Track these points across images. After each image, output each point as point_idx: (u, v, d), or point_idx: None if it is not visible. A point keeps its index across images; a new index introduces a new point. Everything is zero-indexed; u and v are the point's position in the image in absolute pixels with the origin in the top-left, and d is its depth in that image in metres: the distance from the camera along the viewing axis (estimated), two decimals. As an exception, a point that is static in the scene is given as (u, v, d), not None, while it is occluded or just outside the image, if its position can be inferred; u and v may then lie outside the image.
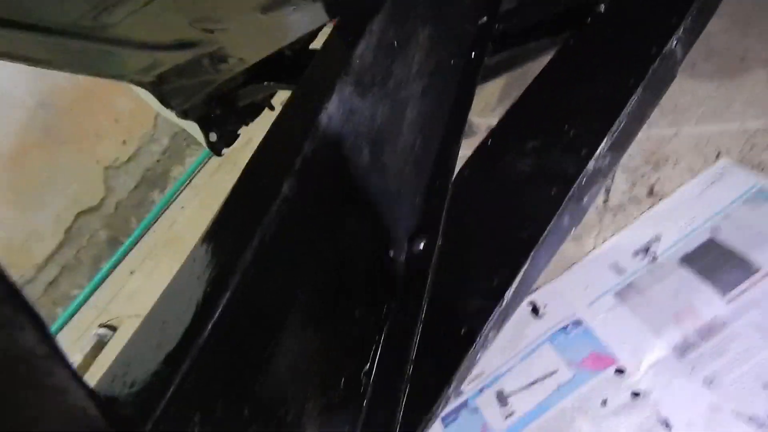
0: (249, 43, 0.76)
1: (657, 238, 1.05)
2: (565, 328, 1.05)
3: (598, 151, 0.54)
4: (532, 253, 0.50)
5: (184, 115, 0.98)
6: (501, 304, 0.47)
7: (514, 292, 0.49)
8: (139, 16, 0.55)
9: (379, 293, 0.53)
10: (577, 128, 0.57)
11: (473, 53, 0.77)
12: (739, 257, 0.94)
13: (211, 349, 0.36)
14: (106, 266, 2.37)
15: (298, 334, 0.46)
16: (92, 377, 0.91)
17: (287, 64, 0.92)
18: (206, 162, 2.48)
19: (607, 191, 1.19)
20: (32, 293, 2.22)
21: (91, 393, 0.28)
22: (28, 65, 0.72)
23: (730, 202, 1.01)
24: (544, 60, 0.74)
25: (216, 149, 1.09)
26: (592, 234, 1.14)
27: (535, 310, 1.10)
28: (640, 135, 1.23)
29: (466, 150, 0.70)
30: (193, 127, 1.03)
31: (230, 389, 0.38)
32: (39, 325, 0.25)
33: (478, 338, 0.46)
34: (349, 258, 0.50)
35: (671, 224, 1.04)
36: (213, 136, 1.07)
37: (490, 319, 0.47)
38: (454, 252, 0.55)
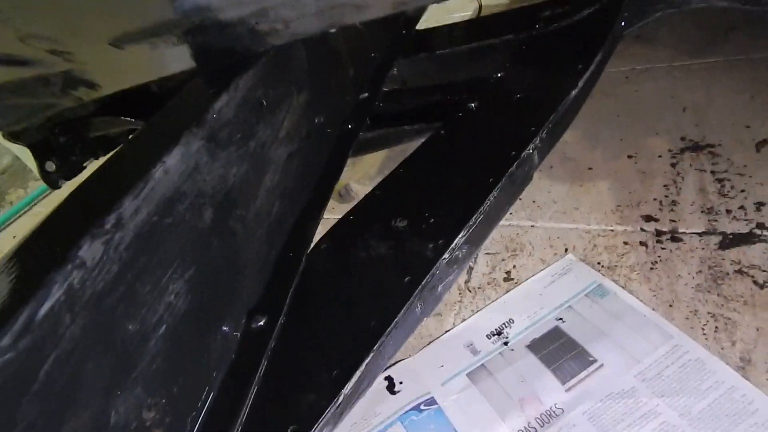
0: (104, 72, 0.68)
1: (509, 323, 1.09)
2: (417, 407, 1.03)
3: (454, 242, 0.55)
4: (377, 345, 0.47)
5: (14, 137, 0.83)
6: (336, 402, 0.43)
7: (353, 386, 0.45)
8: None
9: (201, 375, 0.46)
10: (436, 218, 0.57)
11: (350, 125, 0.77)
12: (578, 348, 1.01)
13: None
14: None
15: (95, 406, 0.37)
16: None
17: (151, 101, 0.84)
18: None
19: (470, 272, 1.23)
20: None
21: None
22: None
23: (573, 295, 1.10)
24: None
25: (52, 180, 0.94)
26: (452, 312, 1.16)
27: (390, 387, 1.08)
28: (503, 223, 1.31)
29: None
30: (23, 153, 0.88)
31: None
32: None
33: (306, 439, 0.41)
34: (168, 333, 0.43)
35: (523, 310, 1.10)
36: (51, 166, 0.92)
37: (322, 418, 0.42)
38: (297, 334, 0.50)
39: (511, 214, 1.32)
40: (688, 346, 0.93)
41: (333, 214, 0.76)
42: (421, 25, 1.21)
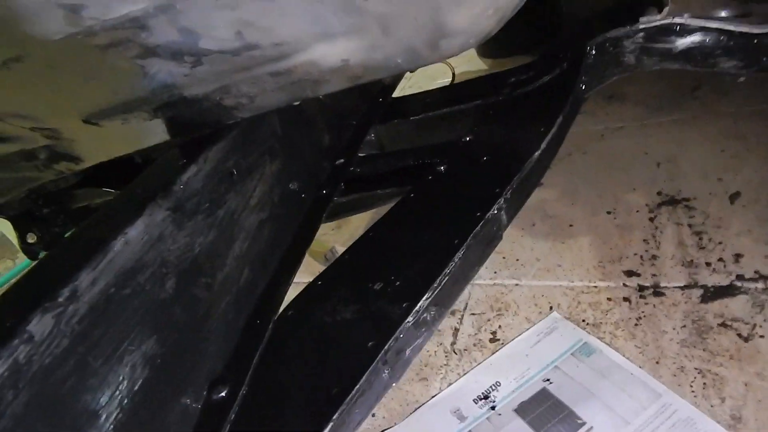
0: (86, 146, 0.70)
1: (496, 386, 1.07)
2: (404, 480, 0.99)
3: (419, 305, 0.55)
4: (337, 413, 0.46)
5: (-5, 210, 0.85)
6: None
7: (313, 458, 0.44)
8: None
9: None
10: (402, 280, 0.57)
11: (324, 191, 0.79)
12: (567, 410, 0.98)
13: None
14: None
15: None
16: None
17: (132, 172, 0.86)
18: (44, 258, 2.19)
19: (455, 333, 1.22)
20: None
21: None
22: None
23: (559, 354, 1.08)
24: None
25: (32, 251, 0.95)
26: (438, 376, 1.14)
27: (376, 458, 1.03)
28: (488, 282, 1.31)
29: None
30: (5, 225, 0.90)
31: None
32: None
33: None
34: (123, 407, 0.42)
35: (509, 373, 1.08)
36: (32, 237, 0.93)
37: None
38: (259, 403, 0.49)
39: (495, 273, 1.32)
40: (677, 405, 0.91)
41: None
42: (406, 91, 1.27)
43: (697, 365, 0.95)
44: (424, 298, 0.55)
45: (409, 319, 0.53)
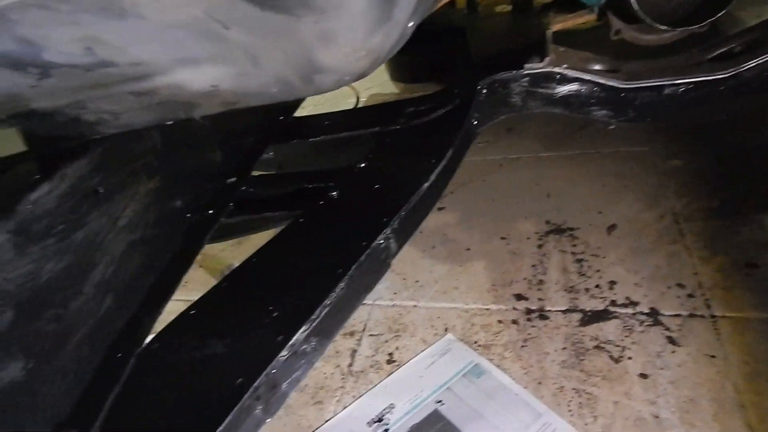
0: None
1: (390, 409, 1.07)
2: None
3: (294, 338, 0.53)
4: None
5: None
6: None
7: None
8: None
9: None
10: (279, 311, 0.55)
11: (211, 210, 0.75)
12: (456, 431, 1.00)
13: None
14: None
15: None
16: None
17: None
18: None
19: (353, 354, 1.21)
20: None
21: None
22: None
23: (452, 375, 1.11)
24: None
25: None
26: (333, 399, 1.12)
27: (263, 490, 0.99)
28: (387, 303, 1.32)
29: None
30: None
31: None
32: None
33: None
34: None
35: (403, 394, 1.09)
36: None
37: None
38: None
39: (395, 294, 1.33)
40: (556, 424, 0.96)
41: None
42: (309, 111, 1.26)
43: (574, 385, 1.02)
44: (301, 330, 0.53)
45: (284, 353, 0.51)
